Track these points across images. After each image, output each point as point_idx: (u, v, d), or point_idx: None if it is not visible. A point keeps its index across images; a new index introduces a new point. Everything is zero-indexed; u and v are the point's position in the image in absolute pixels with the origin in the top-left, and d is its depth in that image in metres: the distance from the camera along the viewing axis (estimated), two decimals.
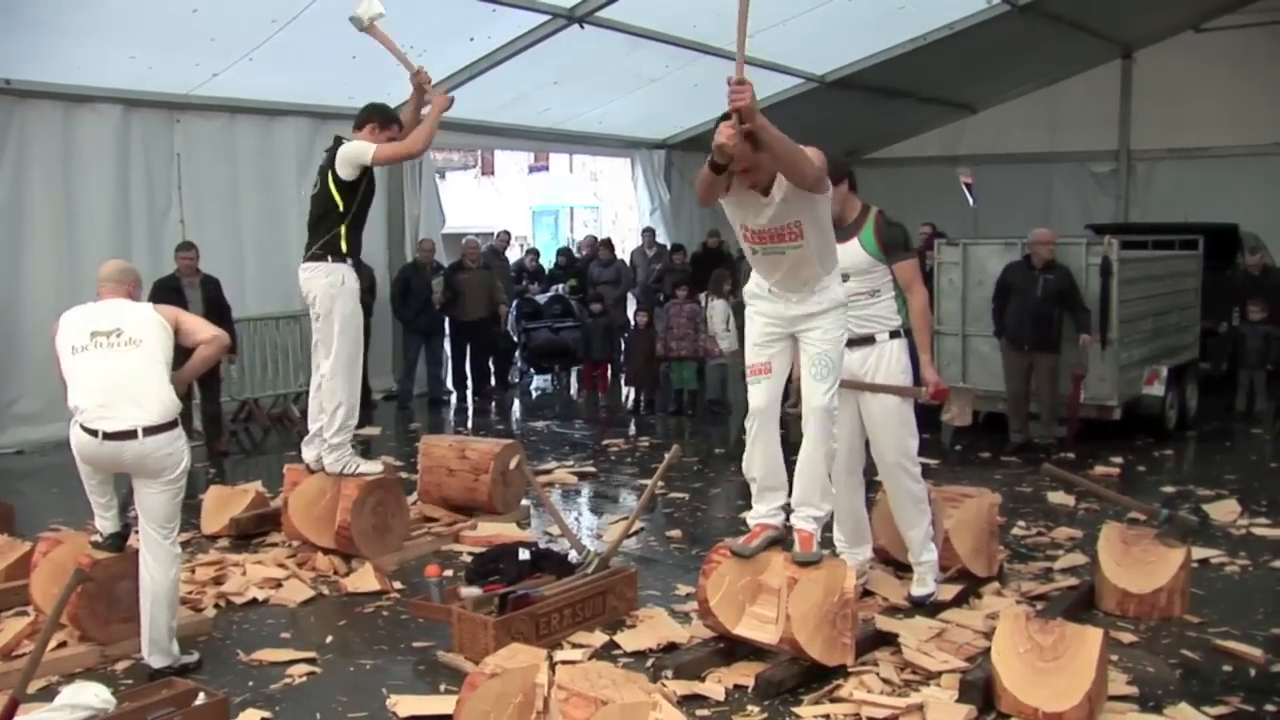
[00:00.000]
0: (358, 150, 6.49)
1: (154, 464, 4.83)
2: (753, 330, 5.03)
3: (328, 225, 6.53)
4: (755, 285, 5.05)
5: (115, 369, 4.80)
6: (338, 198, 6.49)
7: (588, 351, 13.26)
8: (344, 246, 6.53)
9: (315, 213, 6.61)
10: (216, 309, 9.52)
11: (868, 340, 5.53)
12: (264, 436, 11.18)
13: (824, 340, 4.89)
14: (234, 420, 11.19)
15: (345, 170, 6.47)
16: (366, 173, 6.55)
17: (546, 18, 11.08)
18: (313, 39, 10.06)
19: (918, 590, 5.71)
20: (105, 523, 5.19)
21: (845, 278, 5.17)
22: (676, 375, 12.13)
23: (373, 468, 6.86)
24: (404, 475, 8.46)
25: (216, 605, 5.98)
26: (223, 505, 7.41)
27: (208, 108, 11.23)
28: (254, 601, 6.05)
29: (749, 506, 5.25)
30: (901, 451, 5.59)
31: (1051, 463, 7.22)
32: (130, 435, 4.75)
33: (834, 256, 4.98)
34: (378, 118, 6.81)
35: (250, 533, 7.22)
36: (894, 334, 5.59)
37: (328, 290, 6.51)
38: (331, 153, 6.58)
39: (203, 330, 5.09)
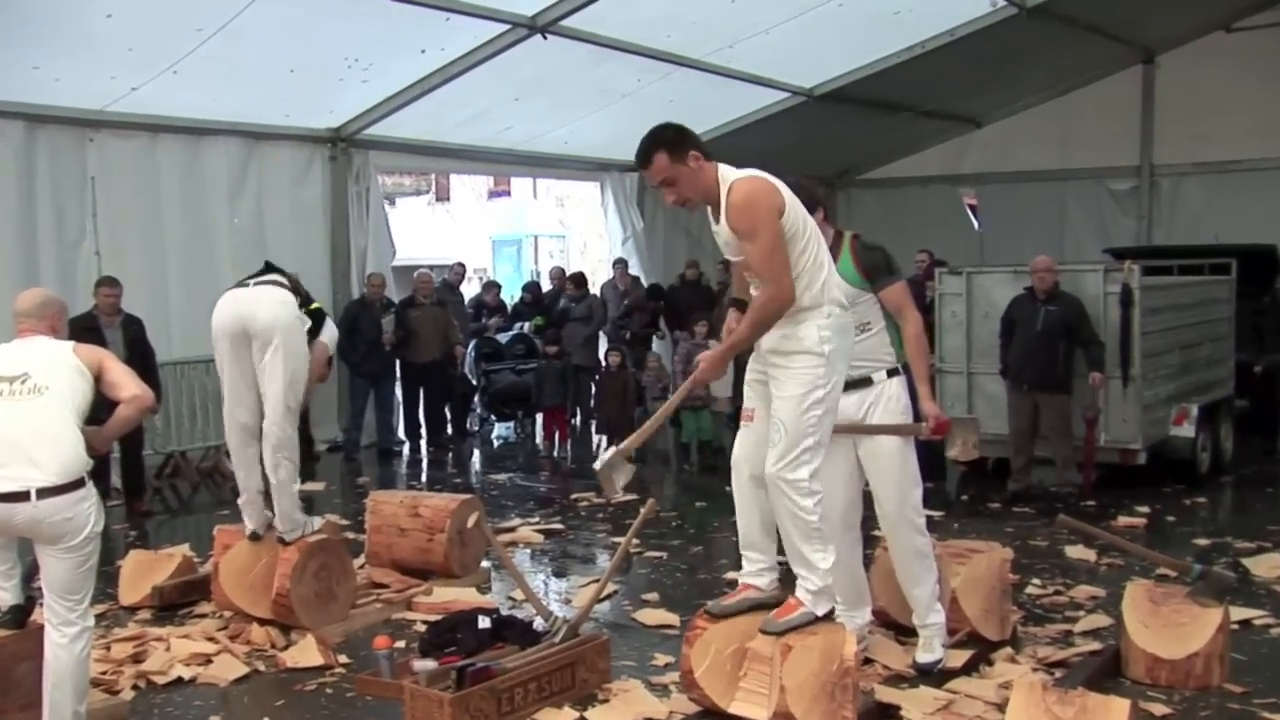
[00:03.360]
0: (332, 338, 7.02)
1: (51, 529, 4.69)
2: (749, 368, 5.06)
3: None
4: None
5: (12, 422, 4.68)
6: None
7: (539, 397, 13.21)
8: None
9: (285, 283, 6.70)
10: (140, 353, 9.47)
11: (864, 382, 5.53)
12: (192, 494, 11.10)
13: (780, 395, 4.77)
14: (158, 476, 11.11)
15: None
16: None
17: (506, 27, 11.15)
18: (244, 50, 10.08)
19: (924, 656, 5.70)
20: (4, 594, 5.09)
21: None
22: (690, 425, 11.90)
23: (316, 523, 6.86)
24: (350, 535, 8.42)
25: (135, 687, 5.90)
26: (144, 572, 7.33)
27: (126, 126, 11.19)
28: (179, 681, 5.97)
29: (734, 565, 5.24)
30: (905, 501, 5.59)
31: (1069, 513, 7.24)
32: (21, 497, 4.62)
33: (816, 284, 4.81)
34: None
35: (175, 603, 7.13)
36: (892, 372, 5.59)
37: (288, 318, 6.48)
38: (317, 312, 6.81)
39: (126, 386, 4.95)
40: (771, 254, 4.64)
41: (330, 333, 6.98)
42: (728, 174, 4.80)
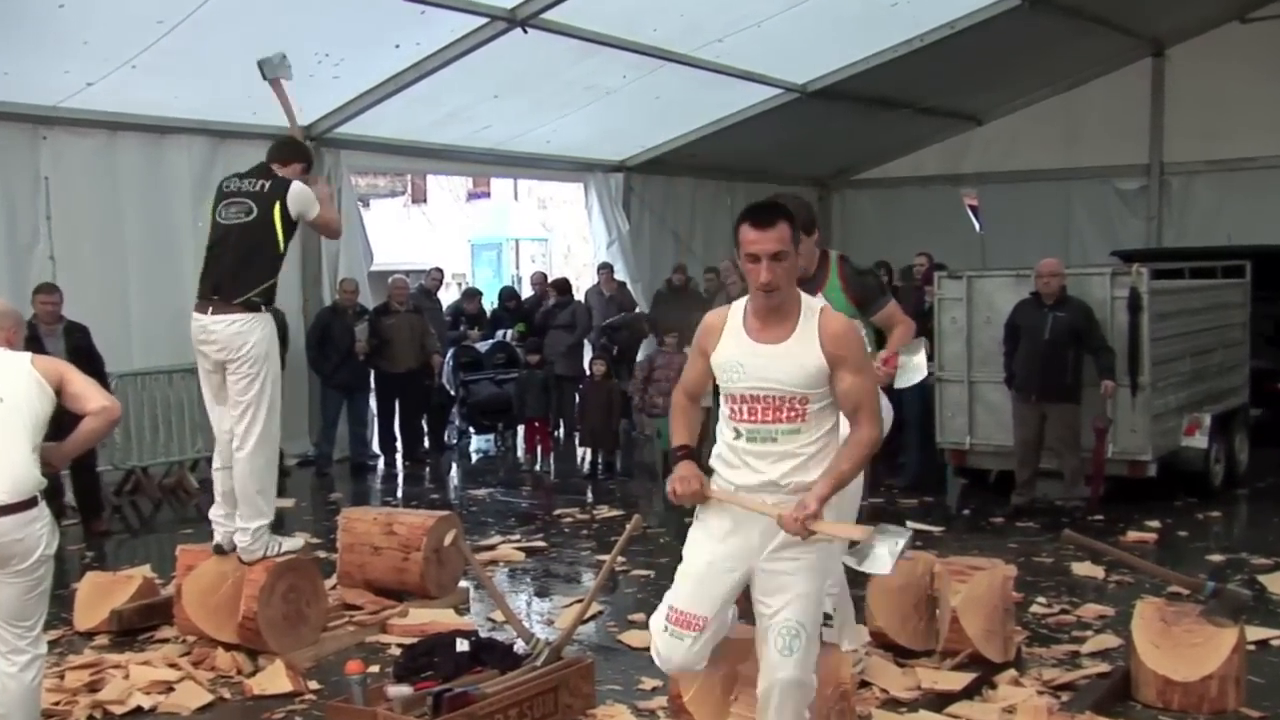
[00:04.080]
0: (309, 198, 6.59)
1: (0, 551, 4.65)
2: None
3: (265, 267, 6.52)
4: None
5: None
6: (281, 237, 6.52)
7: (521, 408, 13.22)
8: (274, 295, 6.60)
9: (245, 247, 6.54)
10: (86, 362, 9.44)
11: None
12: (154, 511, 11.05)
13: (798, 593, 4.27)
14: (118, 493, 11.07)
15: (295, 208, 6.53)
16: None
17: (484, 20, 11.14)
18: (208, 44, 10.05)
19: None
20: None
21: None
22: (668, 434, 12.00)
23: (293, 544, 6.83)
24: (321, 555, 8.39)
25: (91, 717, 5.86)
26: (101, 595, 7.29)
27: (81, 123, 11.15)
28: (138, 711, 5.94)
29: None
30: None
31: (1075, 528, 7.25)
32: None
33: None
34: (306, 160, 6.91)
35: (135, 627, 7.10)
36: None
37: (265, 346, 6.50)
38: (276, 182, 6.60)
39: (91, 398, 4.89)
40: (875, 392, 4.41)
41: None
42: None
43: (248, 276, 6.49)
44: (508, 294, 16.98)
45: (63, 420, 4.96)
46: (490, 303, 17.36)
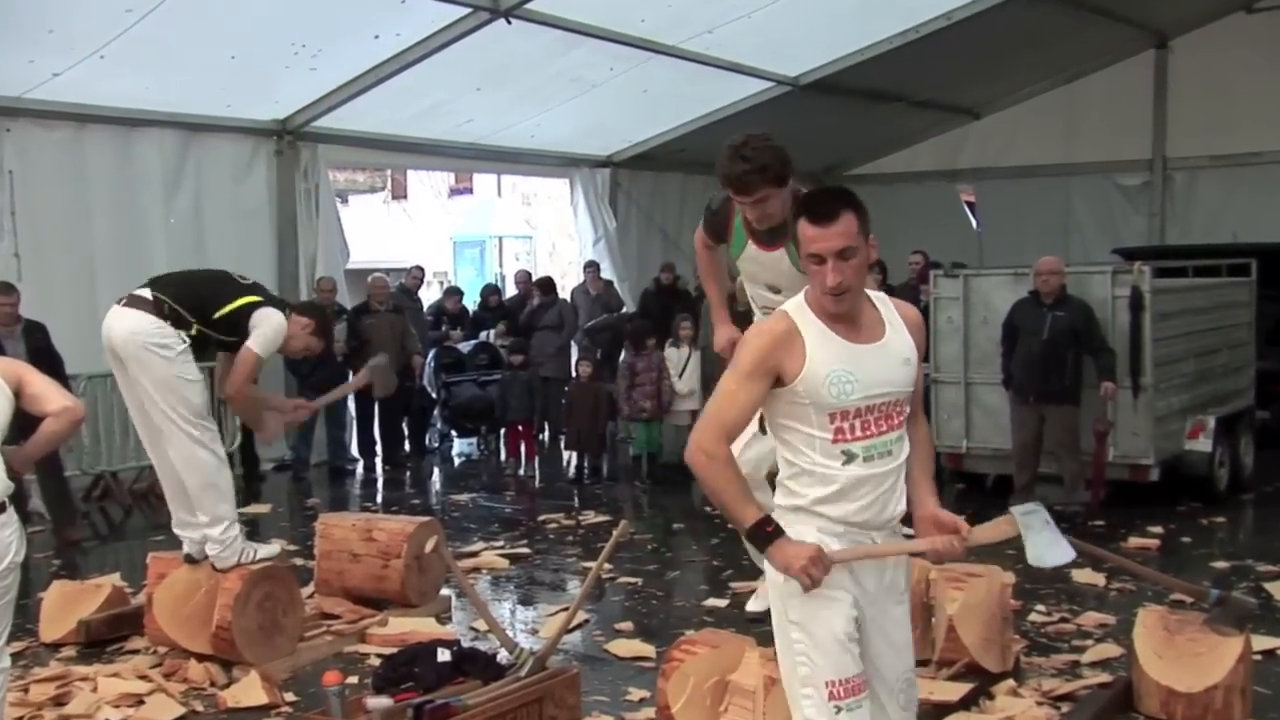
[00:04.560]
0: (268, 333, 6.60)
1: None
2: None
3: (199, 308, 6.53)
4: None
5: None
6: (225, 310, 6.57)
7: (504, 411, 13.22)
8: (188, 340, 6.54)
9: (205, 283, 6.72)
10: (46, 363, 9.40)
11: None
12: (124, 518, 11.04)
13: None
14: (86, 499, 11.04)
15: (256, 336, 6.56)
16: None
17: (466, 11, 11.14)
18: (180, 33, 10.03)
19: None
20: None
21: (777, 290, 5.11)
22: (641, 437, 12.22)
23: (269, 551, 6.83)
24: (298, 562, 8.38)
25: None
26: (68, 605, 7.25)
27: (48, 115, 11.12)
28: None
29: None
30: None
31: (1076, 533, 7.24)
32: None
33: None
34: (316, 320, 7.05)
35: (104, 638, 7.07)
36: None
37: (135, 349, 6.44)
38: (269, 300, 6.75)
39: (53, 399, 4.86)
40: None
41: (263, 331, 6.62)
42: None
43: (186, 291, 6.57)
44: (490, 291, 16.97)
45: (26, 423, 4.93)
46: (472, 301, 17.36)
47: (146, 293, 6.53)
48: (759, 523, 3.52)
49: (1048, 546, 3.84)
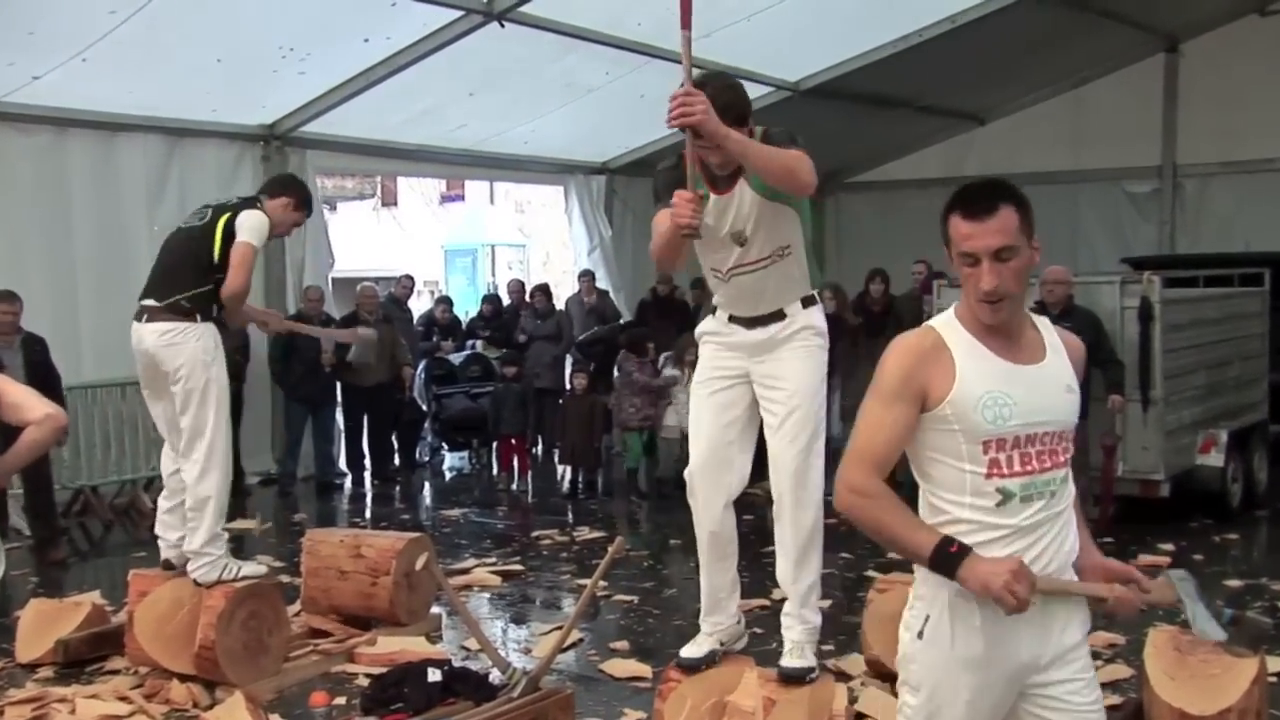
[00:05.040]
0: (258, 226, 6.64)
1: None
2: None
3: (196, 273, 6.56)
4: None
5: None
6: (218, 245, 6.56)
7: (496, 424, 13.21)
8: (214, 308, 6.61)
9: (181, 251, 6.65)
10: (42, 377, 9.40)
11: (773, 318, 5.08)
12: (104, 534, 11.02)
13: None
14: (65, 514, 11.01)
15: (243, 233, 6.59)
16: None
17: (459, 14, 11.15)
18: (165, 36, 10.04)
19: (793, 661, 5.18)
20: None
21: (742, 241, 5.01)
22: (635, 449, 12.26)
23: (254, 568, 6.83)
24: (284, 579, 8.36)
25: None
26: (46, 624, 7.24)
27: (27, 119, 11.11)
28: None
29: None
30: (810, 452, 5.08)
31: None
32: None
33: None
34: (297, 195, 7.04)
35: (83, 658, 7.05)
36: (807, 300, 5.18)
37: (198, 357, 6.49)
38: (244, 202, 6.78)
39: (33, 407, 4.83)
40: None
41: (251, 230, 6.70)
42: None
43: (177, 278, 6.56)
44: (489, 300, 16.94)
45: (6, 433, 4.93)
46: (465, 312, 17.36)
47: (152, 301, 6.56)
48: (939, 546, 3.05)
49: (1206, 619, 3.49)
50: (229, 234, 6.56)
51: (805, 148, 5.00)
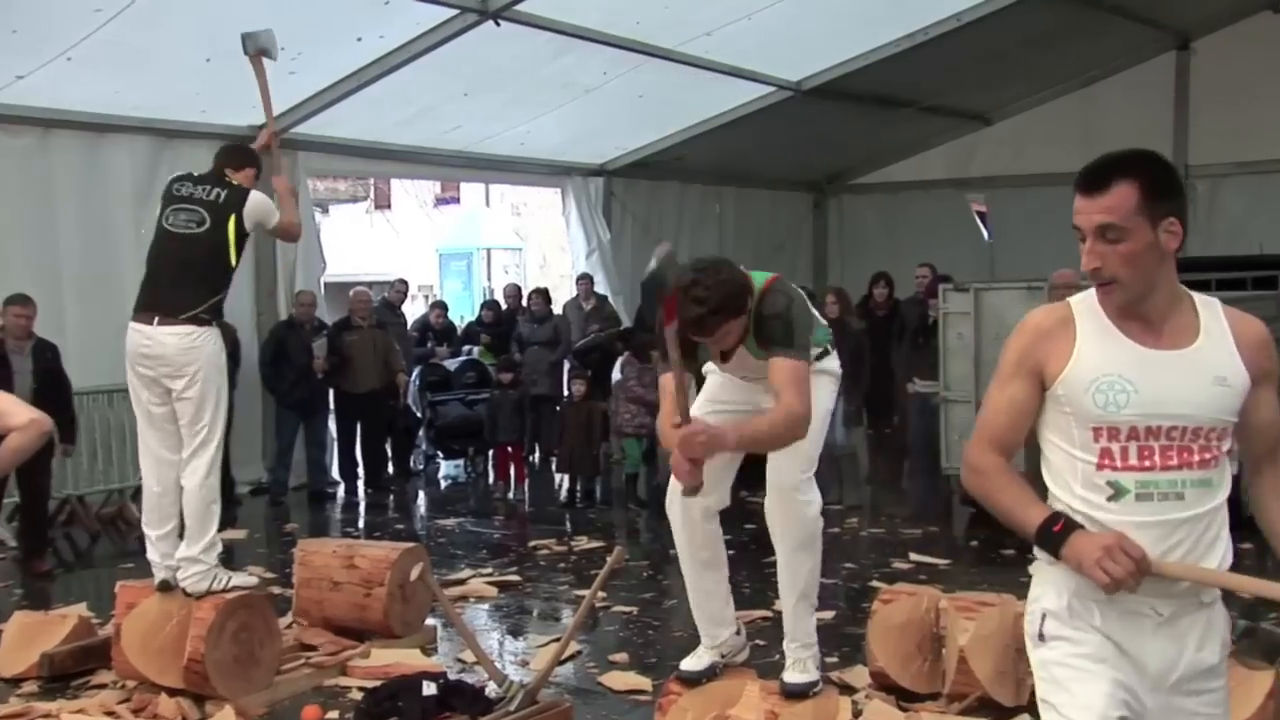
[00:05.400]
0: (268, 209, 6.74)
1: None
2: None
3: (214, 282, 6.61)
4: None
5: None
6: (233, 251, 6.61)
7: (493, 432, 13.21)
8: (221, 310, 6.69)
9: (194, 260, 6.63)
10: (54, 386, 9.44)
11: None
12: (91, 544, 11.00)
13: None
14: (51, 524, 10.98)
15: (250, 221, 6.65)
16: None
17: (454, 12, 11.16)
18: (152, 35, 10.05)
19: (796, 676, 5.25)
20: None
21: (745, 377, 5.06)
22: (633, 455, 12.31)
23: (246, 580, 6.83)
24: (276, 590, 8.35)
25: None
26: (31, 637, 7.22)
27: (11, 120, 11.11)
28: None
29: None
30: (804, 467, 5.17)
31: None
32: None
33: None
34: (257, 164, 7.07)
35: (69, 672, 7.02)
36: (818, 357, 5.19)
37: (213, 361, 6.55)
38: (233, 192, 6.72)
39: (17, 413, 4.86)
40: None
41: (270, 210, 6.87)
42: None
43: (197, 291, 6.55)
44: (490, 306, 16.94)
45: None
46: (460, 317, 17.35)
47: (168, 309, 6.55)
48: (1045, 523, 2.97)
49: None
50: (242, 234, 6.62)
51: (799, 324, 4.82)
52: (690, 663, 5.22)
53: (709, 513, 5.08)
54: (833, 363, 5.19)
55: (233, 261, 6.63)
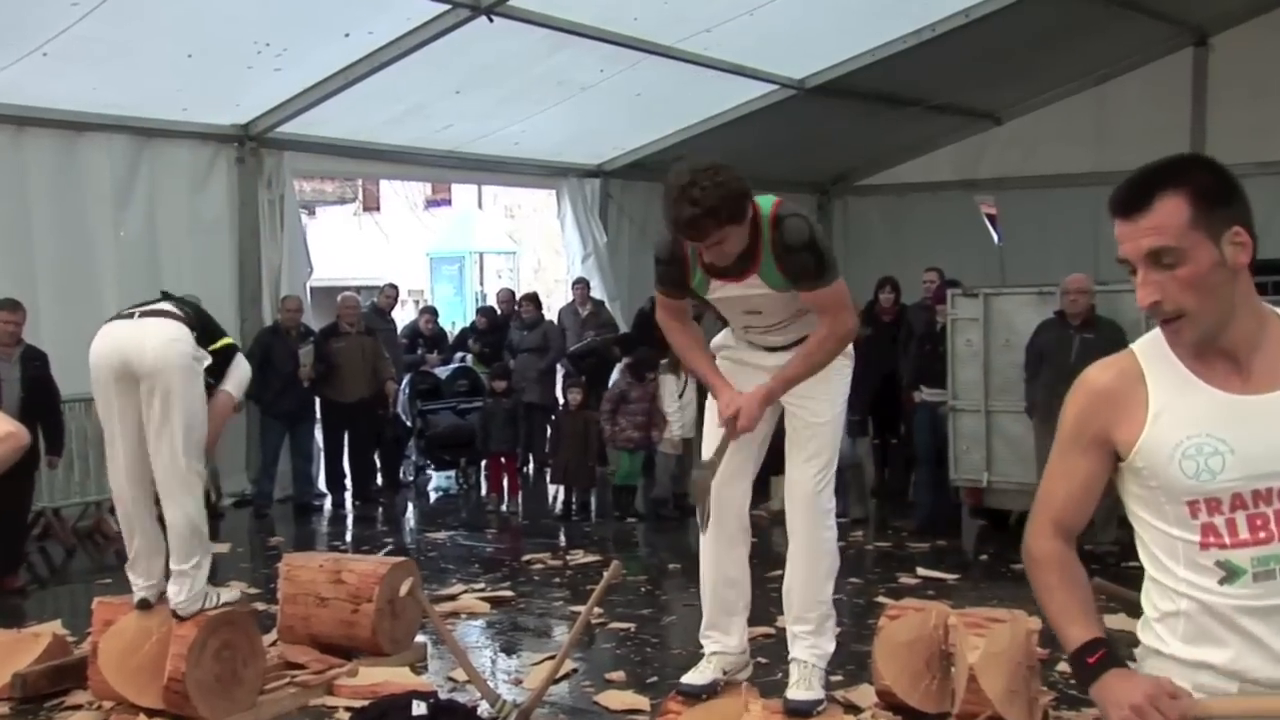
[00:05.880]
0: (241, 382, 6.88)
1: None
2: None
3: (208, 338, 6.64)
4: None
5: None
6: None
7: (485, 441, 13.20)
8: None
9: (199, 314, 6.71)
10: (43, 394, 9.42)
11: (796, 345, 5.18)
12: (67, 559, 10.99)
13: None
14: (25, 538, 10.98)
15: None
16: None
17: (445, 8, 11.16)
18: (132, 30, 10.05)
19: (800, 694, 5.28)
20: None
21: (756, 312, 5.05)
22: (623, 468, 12.29)
23: (230, 595, 6.82)
24: (260, 606, 8.33)
25: None
26: (3, 656, 7.17)
27: None
28: None
29: None
30: (822, 479, 5.26)
31: (1108, 576, 7.23)
32: None
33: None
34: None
35: (42, 693, 6.98)
36: None
37: (178, 359, 6.43)
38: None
39: None
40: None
41: (239, 377, 6.85)
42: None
43: (198, 313, 6.62)
44: (484, 312, 16.93)
45: None
46: (452, 323, 17.36)
47: (167, 305, 6.55)
48: (1081, 649, 2.65)
49: None
50: (229, 357, 6.75)
51: (824, 246, 4.92)
52: (692, 676, 5.23)
53: (736, 510, 5.15)
54: None
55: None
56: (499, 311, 16.53)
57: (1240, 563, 2.53)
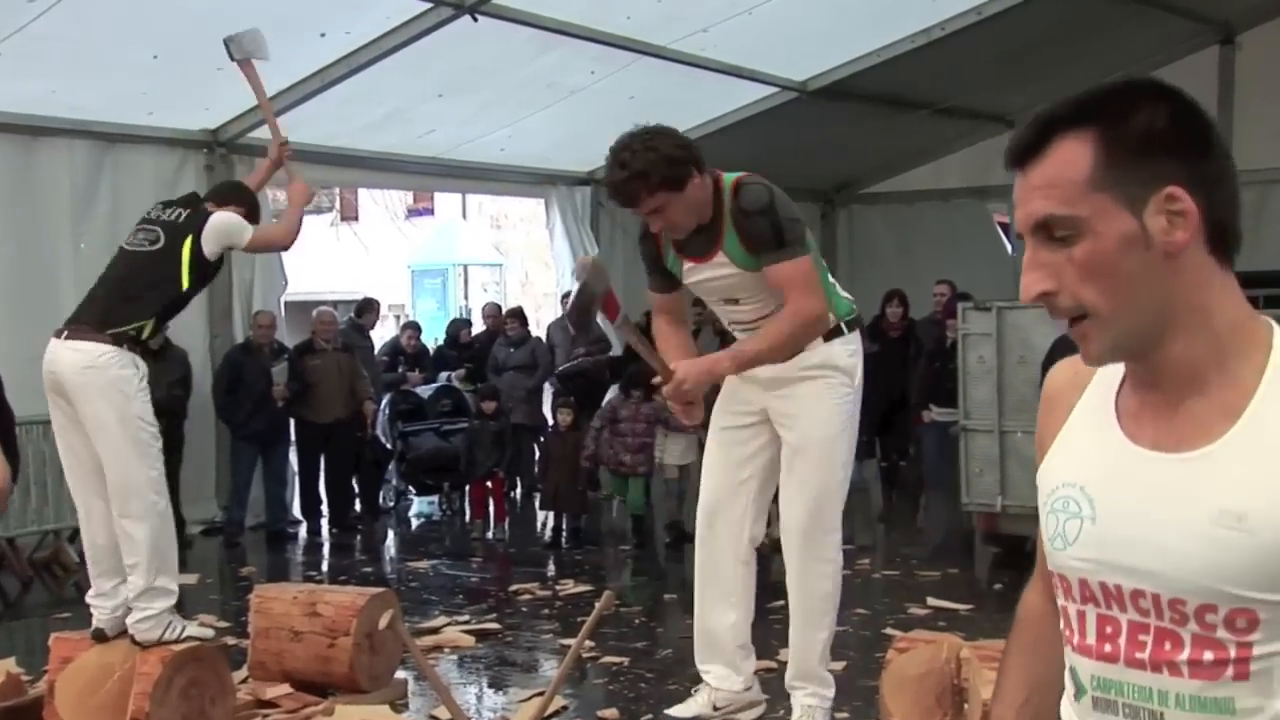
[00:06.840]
0: (234, 226, 6.78)
1: None
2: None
3: (154, 302, 6.62)
4: None
5: None
6: (186, 273, 6.64)
7: (470, 465, 13.18)
8: (149, 330, 6.64)
9: (136, 277, 6.67)
10: None
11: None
12: (22, 591, 10.95)
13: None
14: None
15: (212, 244, 6.69)
16: (224, 256, 6.87)
17: (427, 6, 11.18)
18: (93, 29, 10.05)
19: None
20: None
21: (735, 300, 5.09)
22: (617, 489, 12.31)
23: (202, 632, 6.87)
24: (230, 641, 8.33)
25: None
26: None
27: None
28: None
29: None
30: (823, 512, 5.32)
31: None
32: None
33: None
34: (247, 204, 7.12)
35: None
36: (829, 334, 5.24)
37: (115, 386, 6.45)
38: (195, 213, 6.79)
39: None
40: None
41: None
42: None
43: (128, 308, 6.57)
44: (459, 326, 16.94)
45: None
46: (435, 339, 17.35)
47: (84, 320, 6.57)
48: None
49: None
50: (200, 259, 6.65)
51: (786, 215, 4.95)
52: (678, 709, 5.23)
53: (742, 549, 5.13)
54: (841, 351, 5.16)
55: (184, 284, 6.65)
56: (484, 326, 16.53)
57: (1082, 676, 1.90)
